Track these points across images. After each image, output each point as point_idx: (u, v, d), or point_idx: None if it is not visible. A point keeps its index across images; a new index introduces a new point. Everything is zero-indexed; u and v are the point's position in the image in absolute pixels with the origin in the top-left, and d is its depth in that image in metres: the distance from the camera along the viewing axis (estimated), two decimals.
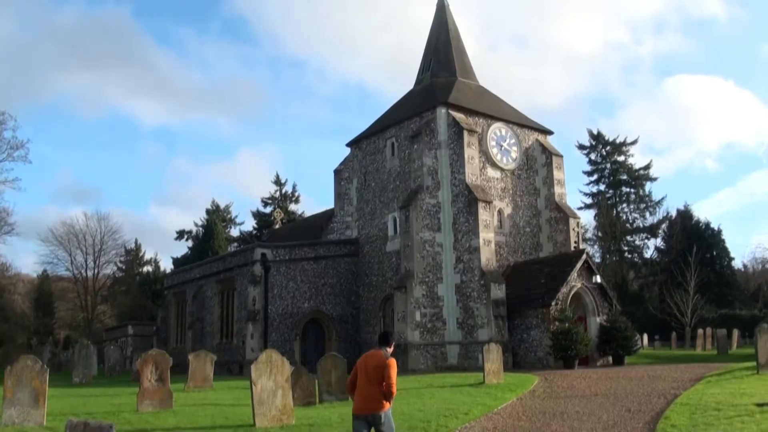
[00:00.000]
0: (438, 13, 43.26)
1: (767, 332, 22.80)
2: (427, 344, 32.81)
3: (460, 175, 34.49)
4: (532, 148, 38.78)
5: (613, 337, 31.79)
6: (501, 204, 36.25)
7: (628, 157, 67.70)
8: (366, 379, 8.85)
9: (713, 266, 57.45)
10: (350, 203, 40.56)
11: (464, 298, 33.17)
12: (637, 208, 66.69)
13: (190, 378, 24.03)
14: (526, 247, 37.04)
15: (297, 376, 17.53)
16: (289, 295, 36.48)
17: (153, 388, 17.06)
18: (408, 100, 41.21)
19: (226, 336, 38.27)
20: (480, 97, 39.72)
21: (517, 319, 32.41)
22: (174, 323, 44.91)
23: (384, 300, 36.90)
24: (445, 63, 41.08)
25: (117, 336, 53.56)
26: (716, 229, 60.76)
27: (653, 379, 22.30)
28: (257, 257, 36.12)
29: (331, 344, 36.56)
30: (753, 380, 20.24)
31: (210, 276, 40.74)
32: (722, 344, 37.95)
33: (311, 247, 38.64)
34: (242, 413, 15.62)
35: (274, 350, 14.98)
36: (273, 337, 35.04)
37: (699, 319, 48.09)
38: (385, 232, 37.74)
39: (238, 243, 72.93)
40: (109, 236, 71.60)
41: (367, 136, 40.55)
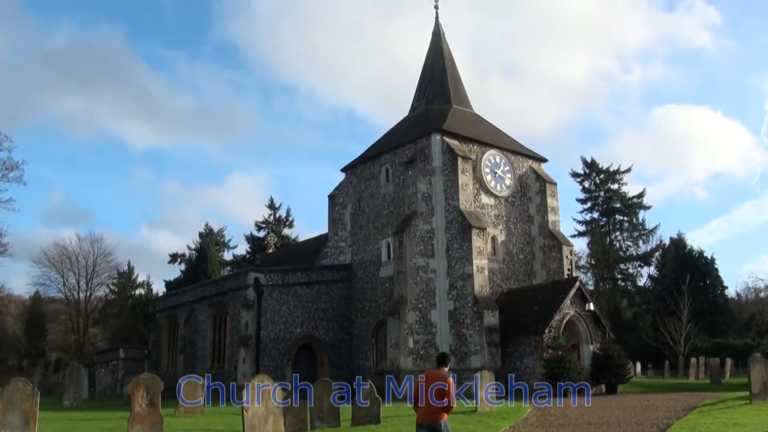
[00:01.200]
0: (433, 41, 43.56)
1: (760, 362, 22.82)
2: (420, 371, 32.61)
3: (454, 201, 34.57)
4: (526, 175, 38.92)
5: (606, 366, 31.71)
6: (495, 231, 36.30)
7: (621, 185, 67.84)
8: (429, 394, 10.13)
9: (706, 295, 57.42)
10: (344, 228, 40.58)
11: (457, 324, 33.13)
12: (630, 236, 66.72)
13: (180, 403, 23.88)
14: (520, 274, 37.05)
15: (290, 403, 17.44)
16: (282, 320, 36.36)
17: (144, 413, 16.93)
18: (403, 126, 41.37)
19: (218, 360, 38.07)
20: (474, 125, 39.90)
21: (510, 346, 32.35)
22: (166, 347, 44.68)
23: (377, 326, 36.80)
24: (440, 90, 41.31)
25: (108, 359, 53.29)
26: (710, 258, 60.77)
27: (646, 408, 22.26)
28: (250, 281, 36.03)
29: (323, 370, 36.40)
30: (746, 410, 20.23)
31: (202, 300, 40.60)
32: (715, 373, 37.87)
33: (304, 272, 38.57)
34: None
35: (266, 375, 14.92)
36: (265, 362, 34.87)
37: (692, 348, 48.00)
38: (378, 258, 37.72)
39: (232, 267, 72.79)
40: (102, 258, 71.50)
41: (361, 161, 40.65)
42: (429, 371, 10.67)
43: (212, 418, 22.24)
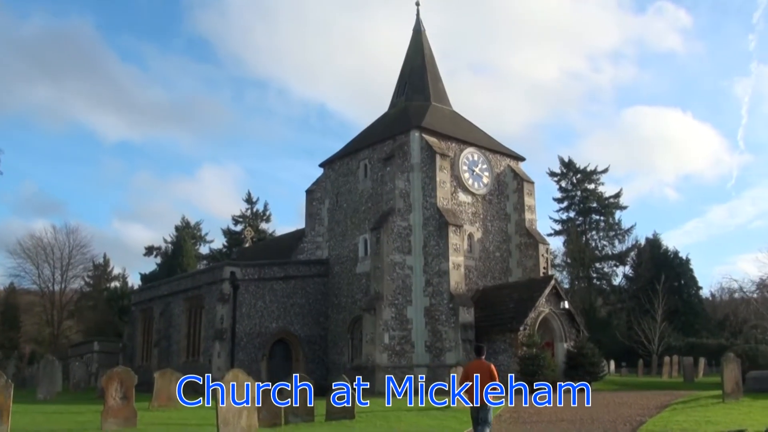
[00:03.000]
0: (414, 37, 43.55)
1: (733, 361, 23.07)
2: (395, 367, 32.75)
3: (432, 198, 34.64)
4: (504, 173, 39.06)
5: (580, 363, 31.95)
6: (471, 228, 36.42)
7: (598, 185, 68.30)
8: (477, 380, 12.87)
9: (681, 295, 57.92)
10: (321, 224, 40.53)
11: (433, 321, 33.21)
12: (606, 236, 67.21)
13: (154, 397, 23.80)
14: (496, 271, 37.21)
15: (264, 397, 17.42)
16: (258, 315, 36.27)
17: (117, 406, 16.88)
18: (382, 122, 41.36)
19: (193, 354, 37.91)
20: (453, 122, 39.98)
21: (485, 343, 32.27)
22: (140, 340, 44.39)
23: (353, 321, 36.82)
24: (420, 87, 41.34)
25: (82, 352, 52.88)
26: (684, 259, 61.30)
27: (619, 405, 22.42)
28: (226, 275, 35.91)
29: (298, 365, 36.36)
30: (718, 408, 20.44)
31: (178, 293, 40.40)
32: (688, 372, 38.19)
33: (281, 267, 38.49)
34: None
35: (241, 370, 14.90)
36: (240, 357, 34.78)
37: (666, 347, 48.38)
38: (355, 254, 37.73)
39: (208, 261, 72.47)
40: (78, 250, 70.95)
41: (340, 157, 40.62)
42: (472, 362, 13.61)
43: (186, 413, 22.18)
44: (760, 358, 30.17)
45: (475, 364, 13.38)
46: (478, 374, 13.00)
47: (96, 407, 20.67)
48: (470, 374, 13.13)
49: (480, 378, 12.94)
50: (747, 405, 21.02)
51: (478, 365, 13.29)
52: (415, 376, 32.61)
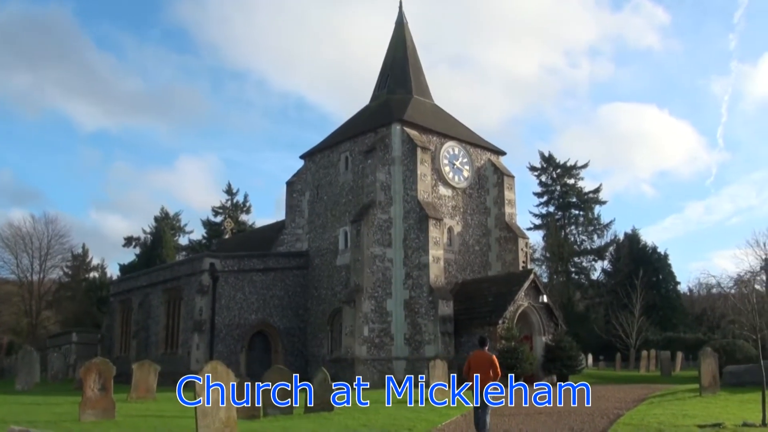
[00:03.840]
0: (396, 30, 43.54)
1: (710, 356, 23.31)
2: (374, 359, 32.83)
3: (413, 191, 34.68)
4: (484, 167, 39.16)
5: (557, 356, 32.21)
6: (451, 222, 36.51)
7: (578, 180, 68.54)
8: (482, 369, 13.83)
9: (659, 290, 58.29)
10: (302, 216, 40.48)
11: (412, 314, 33.29)
12: (585, 231, 67.45)
13: (133, 388, 23.72)
14: (475, 265, 37.33)
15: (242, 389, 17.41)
16: (237, 306, 36.22)
17: (95, 398, 16.82)
18: (363, 115, 41.34)
19: (171, 346, 37.80)
20: (434, 116, 40.02)
21: (464, 336, 32.59)
22: (119, 331, 44.17)
23: (332, 314, 36.84)
24: (402, 80, 41.34)
25: (61, 343, 52.56)
26: (663, 254, 61.68)
27: (596, 398, 22.58)
28: (206, 267, 35.81)
29: (277, 357, 36.37)
30: (695, 402, 20.63)
31: (157, 284, 40.24)
32: (666, 366, 38.51)
33: (261, 259, 38.45)
34: (185, 425, 15.46)
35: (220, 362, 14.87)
36: (219, 349, 34.72)
37: (644, 341, 48.69)
38: (335, 246, 37.72)
39: (187, 252, 72.17)
40: (56, 240, 70.28)
41: (320, 149, 40.57)
42: (477, 352, 14.35)
43: (164, 404, 22.11)
44: (737, 353, 30.44)
45: (478, 355, 14.25)
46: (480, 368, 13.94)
47: (74, 398, 20.58)
48: (473, 365, 14.07)
49: (481, 371, 13.90)
50: (724, 399, 21.24)
51: (480, 356, 14.17)
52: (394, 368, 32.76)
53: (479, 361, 14.09)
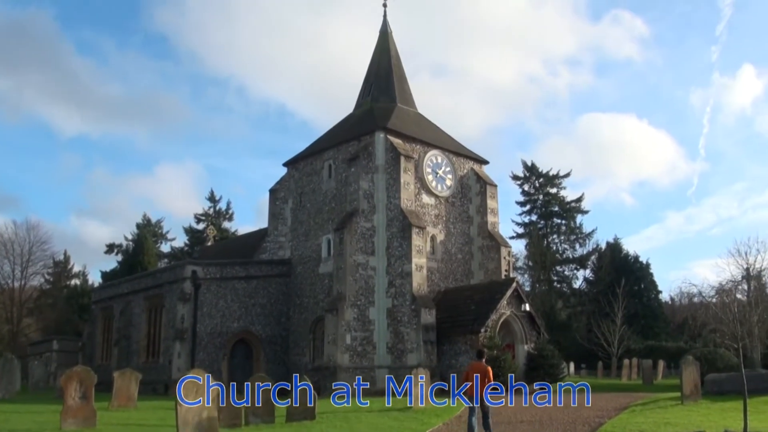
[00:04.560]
0: (381, 39, 43.66)
1: (692, 364, 23.44)
2: (357, 367, 32.77)
3: (396, 200, 34.71)
4: (467, 176, 39.27)
5: (540, 365, 32.27)
6: (434, 230, 36.56)
7: (560, 189, 68.87)
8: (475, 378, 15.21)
9: (641, 298, 58.60)
10: (284, 223, 40.40)
11: (395, 322, 33.28)
12: (567, 240, 67.76)
13: (114, 397, 23.57)
14: (458, 273, 37.38)
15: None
16: (219, 314, 36.09)
17: (76, 406, 16.70)
18: (347, 123, 41.37)
19: (153, 354, 37.63)
20: (418, 124, 40.11)
21: (446, 344, 32.63)
22: (100, 339, 43.94)
23: (315, 322, 36.78)
24: (386, 89, 41.43)
25: (42, 351, 52.13)
26: (645, 263, 62.01)
27: (578, 407, 22.61)
28: (187, 274, 35.69)
29: (259, 365, 36.26)
30: (677, 410, 20.73)
31: (138, 292, 40.06)
32: (647, 374, 38.63)
33: (243, 266, 38.34)
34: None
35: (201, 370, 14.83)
36: (200, 357, 34.60)
37: (625, 350, 48.86)
38: (318, 254, 37.67)
39: (169, 259, 71.85)
40: (38, 246, 69.62)
41: (304, 156, 40.54)
42: (473, 363, 16.03)
43: (145, 413, 22.01)
44: (718, 361, 30.62)
45: (475, 365, 15.71)
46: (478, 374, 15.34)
47: (55, 407, 20.43)
48: (471, 374, 15.49)
49: (480, 378, 15.27)
50: (705, 407, 21.35)
51: (477, 366, 15.63)
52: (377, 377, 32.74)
53: (476, 371, 15.46)
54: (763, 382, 24.08)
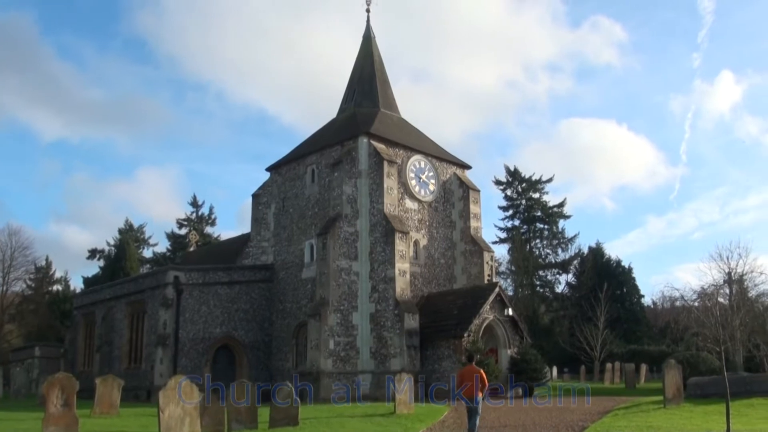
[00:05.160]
0: (364, 43, 43.67)
1: (674, 367, 23.53)
2: (340, 373, 32.73)
3: (379, 204, 34.72)
4: (450, 181, 39.34)
5: (523, 369, 32.29)
6: (417, 235, 36.59)
7: (542, 194, 69.15)
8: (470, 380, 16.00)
9: (623, 303, 58.90)
10: (267, 228, 40.30)
11: (378, 327, 33.26)
12: (550, 244, 68.02)
13: (96, 404, 23.42)
14: (441, 278, 37.42)
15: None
16: (201, 320, 35.93)
17: (58, 414, 16.56)
18: (330, 128, 41.34)
19: (135, 360, 37.41)
20: (401, 129, 40.15)
21: (429, 349, 32.65)
22: (82, 345, 43.63)
23: (298, 327, 36.69)
24: (369, 94, 41.44)
25: (23, 357, 51.71)
26: (627, 267, 62.35)
27: (562, 411, 22.69)
28: (169, 280, 35.52)
29: (242, 371, 36.11)
30: (660, 414, 20.81)
31: (120, 297, 39.82)
32: (630, 378, 38.78)
33: (225, 272, 38.20)
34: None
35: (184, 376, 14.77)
36: (183, 363, 34.42)
37: (608, 354, 49.08)
38: (301, 259, 37.61)
39: (151, 264, 71.50)
40: (20, 252, 69.03)
41: (287, 161, 40.47)
42: (467, 366, 16.71)
43: (128, 420, 21.89)
44: (700, 365, 30.80)
45: (468, 369, 16.54)
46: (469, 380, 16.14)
47: (37, 414, 20.29)
48: (464, 377, 16.36)
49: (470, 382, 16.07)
50: (688, 410, 21.44)
51: (470, 370, 16.44)
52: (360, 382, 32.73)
53: (469, 374, 16.28)
54: (745, 385, 24.24)
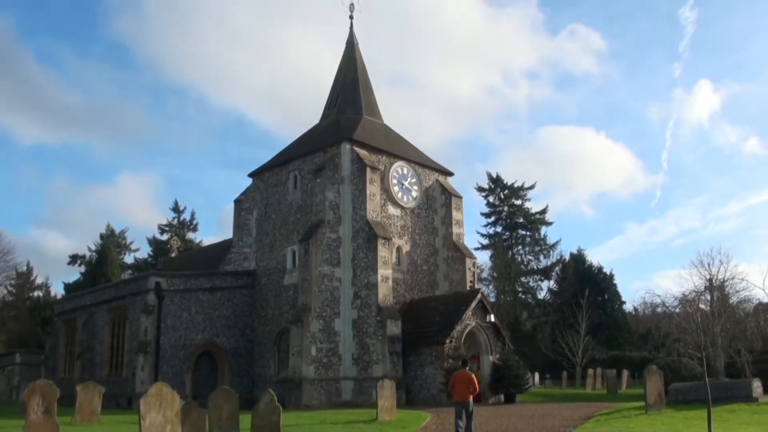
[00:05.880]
0: (347, 50, 43.71)
1: (656, 373, 23.65)
2: (322, 379, 32.67)
3: (362, 211, 34.73)
4: (433, 188, 39.41)
5: (505, 376, 32.35)
6: (400, 241, 36.61)
7: (525, 201, 69.36)
8: (463, 385, 17.38)
9: (605, 309, 59.19)
10: (249, 234, 40.19)
11: (360, 333, 33.24)
12: (531, 251, 68.22)
13: (77, 411, 23.24)
14: (423, 284, 37.45)
15: (187, 411, 17.16)
16: (183, 326, 35.76)
17: (39, 421, 16.48)
18: (313, 134, 41.33)
19: (116, 367, 37.17)
20: (384, 136, 40.19)
21: (411, 355, 32.64)
22: (63, 352, 43.27)
23: (280, 334, 36.59)
24: (352, 100, 41.46)
25: (4, 364, 51.32)
26: (608, 274, 62.66)
27: (543, 417, 22.75)
28: (151, 286, 35.33)
29: (223, 378, 35.97)
30: (641, 419, 20.90)
31: (101, 304, 39.58)
32: (612, 384, 38.94)
33: (207, 278, 38.06)
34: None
35: (165, 383, 14.70)
36: (164, 370, 34.24)
37: (590, 360, 49.25)
38: (283, 265, 37.53)
39: (133, 270, 71.13)
40: (1, 258, 68.53)
41: (269, 167, 40.41)
42: (460, 371, 18.11)
43: (108, 427, 21.75)
44: (682, 371, 30.98)
45: (460, 373, 17.90)
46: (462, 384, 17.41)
47: (18, 422, 20.11)
48: (457, 380, 17.65)
49: (464, 383, 17.41)
50: (669, 416, 21.55)
51: (462, 374, 17.80)
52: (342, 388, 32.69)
53: (461, 379, 17.56)
54: (726, 390, 24.37)
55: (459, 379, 17.68)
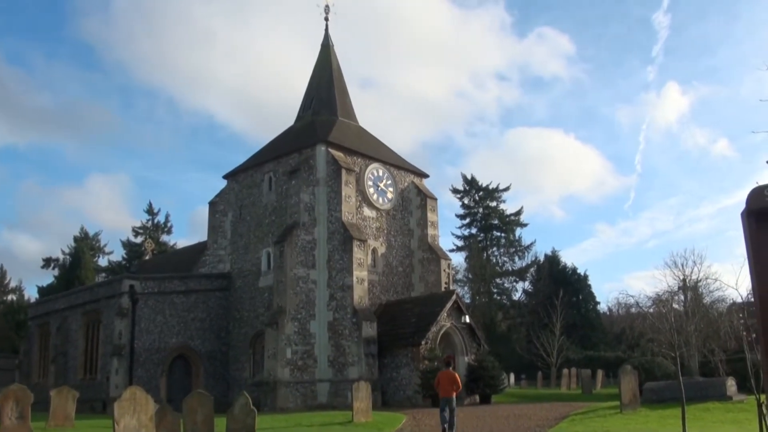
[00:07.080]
0: (322, 52, 43.70)
1: (630, 373, 23.88)
2: (297, 382, 32.60)
3: (337, 212, 34.72)
4: (408, 189, 39.49)
5: (480, 376, 32.50)
6: (375, 243, 36.65)
7: (499, 203, 69.66)
8: (448, 383, 19.10)
9: (579, 309, 59.44)
10: (224, 236, 40.03)
11: (336, 335, 33.22)
12: (506, 252, 68.56)
13: (51, 416, 23.02)
14: (399, 286, 37.51)
15: (162, 415, 17.09)
16: (157, 330, 35.56)
17: (13, 426, 16.33)
18: (288, 136, 41.26)
19: (91, 371, 36.88)
20: (359, 138, 40.22)
21: (387, 357, 32.68)
22: (37, 357, 42.86)
23: (255, 336, 36.48)
24: (327, 102, 41.44)
25: None
26: (582, 275, 63.00)
27: (519, 417, 22.87)
28: (125, 289, 35.10)
29: (198, 381, 35.78)
30: (616, 419, 21.08)
31: (76, 307, 39.26)
32: (587, 384, 39.18)
33: (182, 280, 37.86)
34: None
35: (139, 387, 14.64)
36: (138, 373, 34.02)
37: (565, 360, 49.45)
38: (258, 267, 37.43)
39: (107, 273, 70.63)
40: None
41: (244, 169, 40.29)
42: (445, 371, 20.13)
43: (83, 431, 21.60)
44: (656, 370, 31.29)
45: (445, 373, 19.78)
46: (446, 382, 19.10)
47: None
48: (442, 379, 19.43)
49: (449, 381, 19.13)
50: (644, 415, 21.76)
51: (447, 373, 19.69)
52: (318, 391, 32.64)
53: (446, 377, 19.33)
54: (700, 389, 24.67)
55: (444, 377, 19.44)
